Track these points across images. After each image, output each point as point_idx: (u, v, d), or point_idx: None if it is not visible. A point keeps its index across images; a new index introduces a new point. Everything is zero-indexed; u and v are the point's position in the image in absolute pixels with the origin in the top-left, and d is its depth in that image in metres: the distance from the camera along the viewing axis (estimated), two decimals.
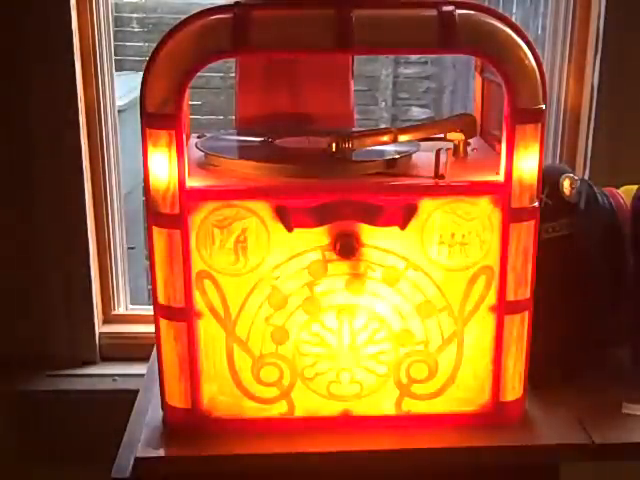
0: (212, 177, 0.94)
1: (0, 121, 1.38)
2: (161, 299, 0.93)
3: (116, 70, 1.49)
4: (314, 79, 1.13)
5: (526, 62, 0.88)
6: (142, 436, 0.96)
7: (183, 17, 0.87)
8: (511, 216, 0.91)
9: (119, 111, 1.53)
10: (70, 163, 1.40)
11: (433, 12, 0.87)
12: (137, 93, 0.88)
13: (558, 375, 1.05)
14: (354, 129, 1.11)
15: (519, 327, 0.95)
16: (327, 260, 0.92)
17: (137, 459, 0.93)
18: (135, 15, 3.54)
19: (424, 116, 3.73)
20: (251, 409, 0.97)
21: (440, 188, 0.91)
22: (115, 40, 1.50)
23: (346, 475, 0.98)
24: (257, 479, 0.98)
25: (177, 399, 0.96)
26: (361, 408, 0.97)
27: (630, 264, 1.08)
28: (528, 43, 0.88)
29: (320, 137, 1.01)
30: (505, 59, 0.88)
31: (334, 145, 0.94)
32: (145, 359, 1.17)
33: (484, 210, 0.91)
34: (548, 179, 0.99)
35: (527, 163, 0.90)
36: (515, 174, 0.90)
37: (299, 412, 0.97)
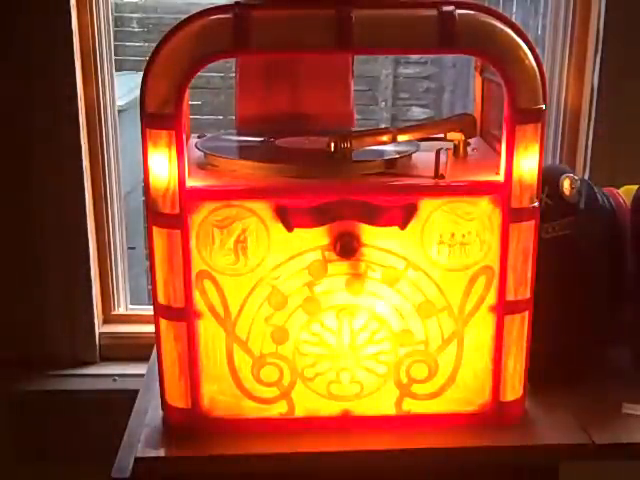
0: (212, 177, 0.94)
1: (0, 121, 1.38)
2: (161, 299, 0.93)
3: (116, 70, 1.49)
4: (314, 79, 1.13)
5: (526, 62, 0.88)
6: (142, 436, 0.96)
7: (183, 17, 0.87)
8: (511, 216, 0.91)
9: (119, 111, 1.53)
10: (70, 163, 1.40)
11: (433, 12, 0.87)
12: (137, 93, 0.88)
13: (558, 375, 1.05)
14: (354, 129, 1.11)
15: (519, 327, 0.95)
16: (327, 260, 0.92)
17: (137, 459, 0.93)
18: (135, 15, 3.54)
19: (424, 116, 3.72)
20: (251, 409, 0.97)
21: (440, 188, 0.91)
22: (115, 40, 1.50)
23: (346, 475, 0.98)
24: (257, 479, 0.98)
25: (177, 399, 0.96)
26: (361, 408, 0.97)
27: (630, 264, 1.08)
28: (528, 43, 0.88)
29: (320, 137, 1.01)
30: (505, 59, 0.88)
31: (333, 145, 0.94)
32: (145, 359, 1.17)
33: (484, 210, 0.91)
34: (548, 179, 0.99)
35: (527, 163, 0.90)
36: (515, 174, 0.90)
37: (299, 412, 0.97)
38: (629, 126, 1.40)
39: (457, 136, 1.02)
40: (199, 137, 1.10)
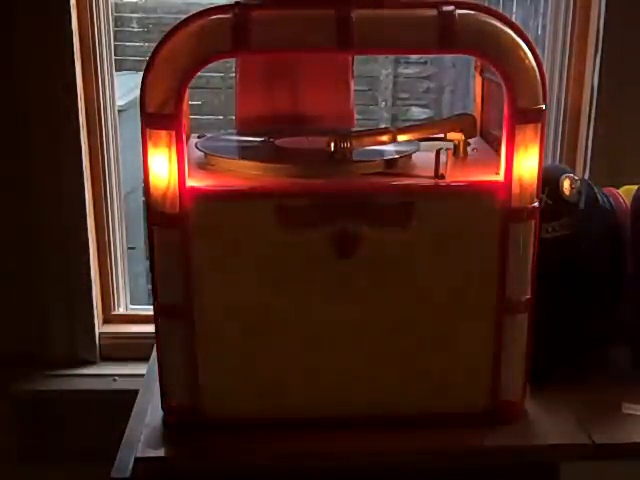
0: (212, 177, 0.94)
1: (0, 121, 1.38)
2: (161, 299, 0.93)
3: (116, 70, 1.49)
4: (314, 79, 1.13)
5: (526, 62, 0.88)
6: (142, 436, 0.96)
7: (183, 17, 0.87)
8: (511, 216, 0.91)
9: (119, 111, 1.53)
10: (70, 163, 1.40)
11: (433, 12, 0.87)
12: (137, 93, 0.88)
13: (558, 375, 1.05)
14: (354, 129, 1.11)
15: (519, 327, 0.95)
16: (327, 260, 0.92)
17: (137, 459, 0.93)
18: (135, 15, 3.54)
19: (424, 116, 3.72)
20: (251, 409, 0.97)
21: (440, 188, 0.91)
22: (115, 40, 1.50)
23: (347, 475, 0.98)
24: (257, 479, 0.98)
25: (177, 399, 0.96)
26: (361, 408, 0.97)
27: (630, 264, 1.08)
28: (528, 43, 0.88)
29: (320, 137, 1.01)
30: (505, 59, 0.88)
31: (333, 145, 0.94)
32: (145, 359, 1.17)
33: (484, 210, 0.91)
34: (548, 179, 0.99)
35: (527, 163, 0.90)
36: (515, 174, 0.90)
37: (299, 412, 0.97)
38: (629, 126, 1.40)
39: (457, 136, 1.02)
40: (199, 137, 1.10)
